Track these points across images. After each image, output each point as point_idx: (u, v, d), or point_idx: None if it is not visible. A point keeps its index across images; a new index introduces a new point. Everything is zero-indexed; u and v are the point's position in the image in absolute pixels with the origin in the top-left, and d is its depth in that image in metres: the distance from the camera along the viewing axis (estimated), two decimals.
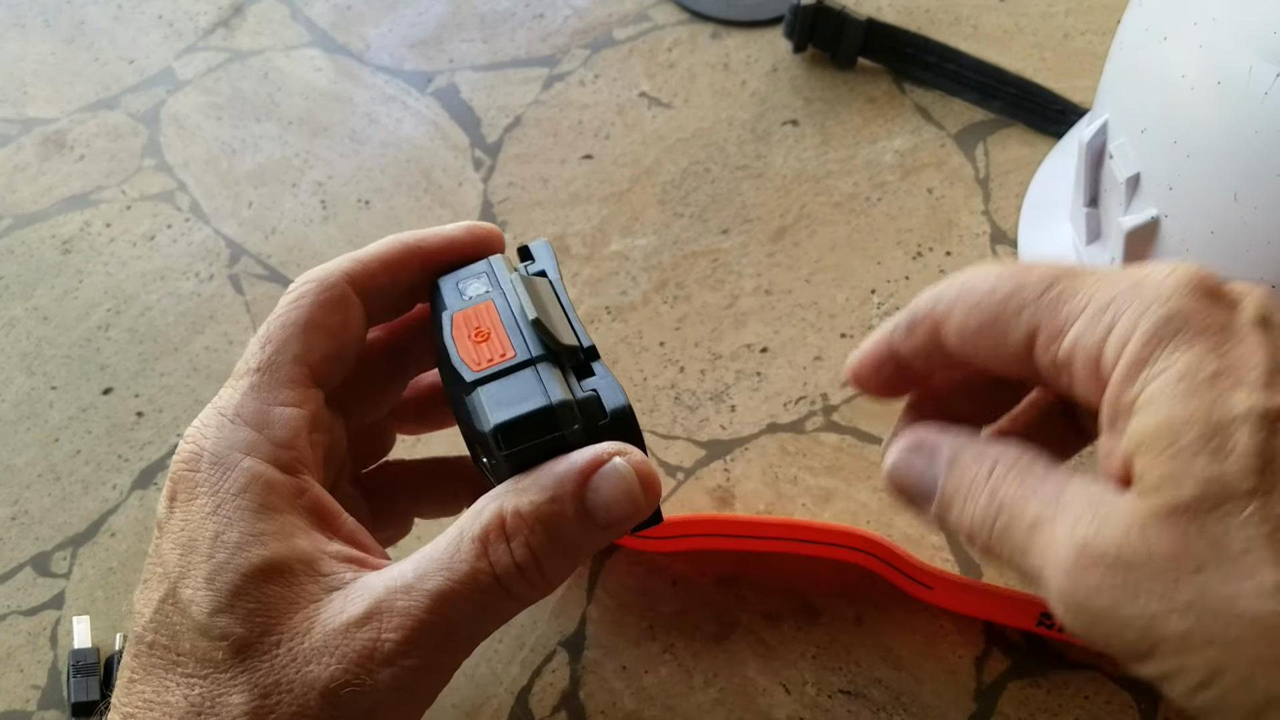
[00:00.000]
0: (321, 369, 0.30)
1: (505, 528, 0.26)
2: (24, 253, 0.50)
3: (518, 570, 0.26)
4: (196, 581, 0.26)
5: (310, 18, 0.59)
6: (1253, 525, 0.21)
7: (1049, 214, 0.48)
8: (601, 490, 0.26)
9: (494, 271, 0.31)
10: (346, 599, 0.26)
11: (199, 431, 0.28)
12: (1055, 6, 0.58)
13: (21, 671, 0.39)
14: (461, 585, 0.26)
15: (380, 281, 0.31)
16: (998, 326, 0.25)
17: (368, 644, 0.25)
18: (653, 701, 0.38)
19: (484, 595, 0.26)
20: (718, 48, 0.57)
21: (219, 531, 0.26)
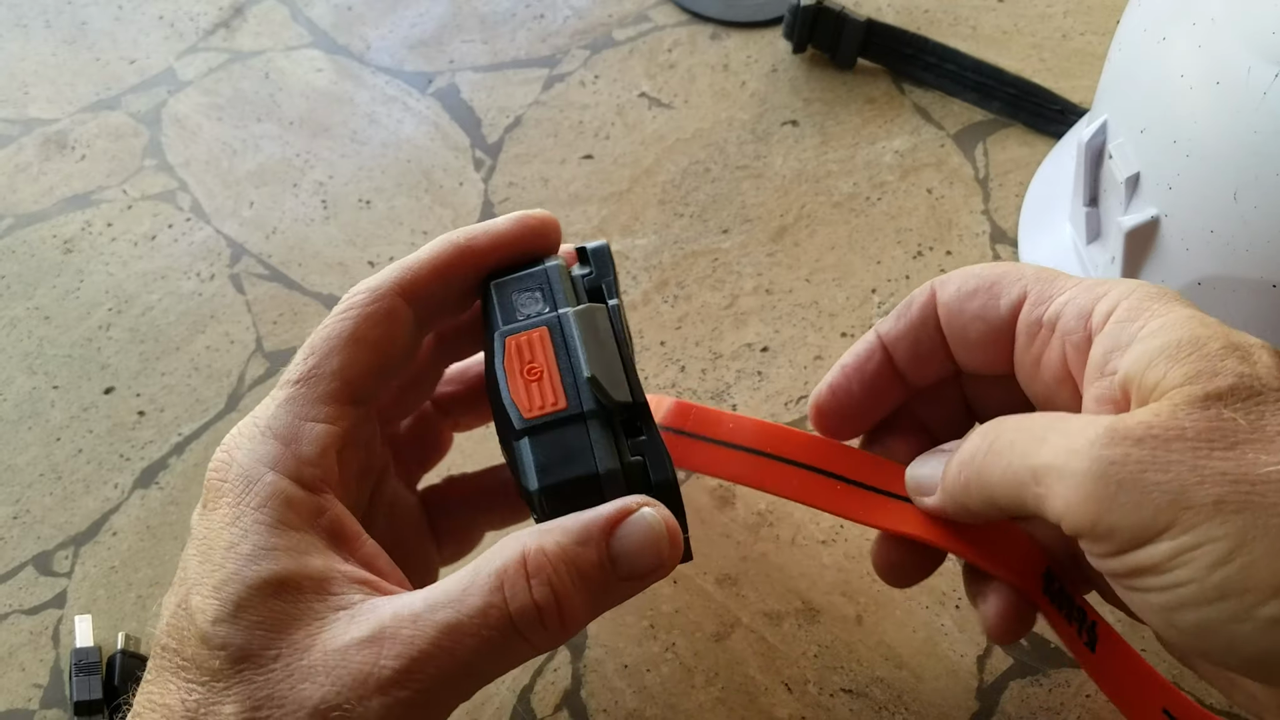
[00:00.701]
0: (362, 384, 0.29)
1: (527, 566, 0.25)
2: (25, 252, 0.51)
3: (536, 611, 0.25)
4: (205, 589, 0.26)
5: (311, 19, 0.59)
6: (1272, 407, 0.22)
7: (1049, 214, 0.48)
8: (627, 539, 0.26)
9: (551, 287, 0.30)
10: (351, 620, 0.25)
11: (233, 441, 0.28)
12: (1054, 7, 0.58)
13: (23, 670, 0.39)
14: (470, 620, 0.25)
15: (432, 288, 0.30)
16: (993, 289, 0.28)
17: (364, 668, 0.24)
18: (654, 700, 0.38)
19: (493, 633, 0.25)
20: (717, 48, 0.57)
21: (234, 542, 0.26)
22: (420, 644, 0.25)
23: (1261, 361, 0.23)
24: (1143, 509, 0.22)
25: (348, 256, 0.50)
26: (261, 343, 0.47)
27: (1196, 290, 0.39)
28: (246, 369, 0.47)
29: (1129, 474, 0.22)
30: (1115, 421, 0.22)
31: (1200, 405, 0.22)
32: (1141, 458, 0.22)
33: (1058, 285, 0.27)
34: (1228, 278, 0.38)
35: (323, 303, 0.48)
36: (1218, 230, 0.37)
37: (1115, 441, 0.22)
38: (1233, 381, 0.22)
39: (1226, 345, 0.23)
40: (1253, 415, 0.22)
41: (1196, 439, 0.22)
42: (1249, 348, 0.23)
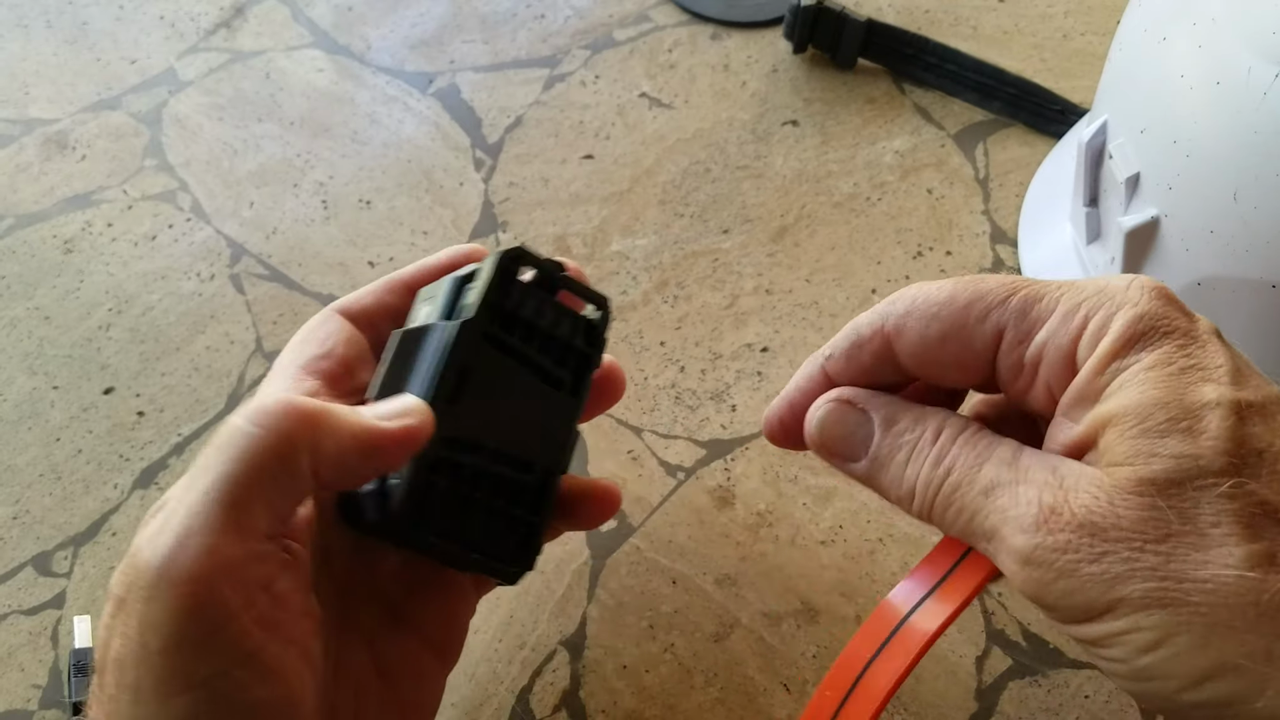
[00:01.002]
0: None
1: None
2: (26, 253, 0.51)
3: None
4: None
5: (312, 19, 0.59)
6: (1223, 501, 0.22)
7: (1049, 214, 0.48)
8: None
9: (440, 298, 0.31)
10: None
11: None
12: (1055, 7, 0.58)
13: (22, 671, 0.39)
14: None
15: (376, 323, 0.34)
16: (962, 333, 0.26)
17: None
18: (653, 701, 0.38)
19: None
20: (718, 48, 0.57)
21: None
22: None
23: (1208, 433, 0.22)
24: (1078, 595, 0.23)
25: (348, 257, 0.50)
26: (261, 343, 0.47)
27: (1196, 290, 0.39)
28: (246, 369, 0.47)
29: (1066, 562, 0.23)
30: (1057, 500, 0.23)
31: (1136, 492, 0.22)
32: (1079, 546, 0.23)
33: (1033, 316, 0.26)
34: (1228, 278, 0.38)
35: (323, 303, 0.48)
36: (1218, 230, 0.37)
37: (1056, 527, 0.23)
38: (1171, 465, 0.22)
39: (1176, 415, 0.23)
40: (1186, 503, 0.22)
41: (1130, 530, 0.22)
42: (1200, 413, 0.23)
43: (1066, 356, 0.25)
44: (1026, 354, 0.26)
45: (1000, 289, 0.26)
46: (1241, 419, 0.23)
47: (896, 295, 0.27)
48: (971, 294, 0.26)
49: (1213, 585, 0.22)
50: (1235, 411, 0.23)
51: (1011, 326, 0.26)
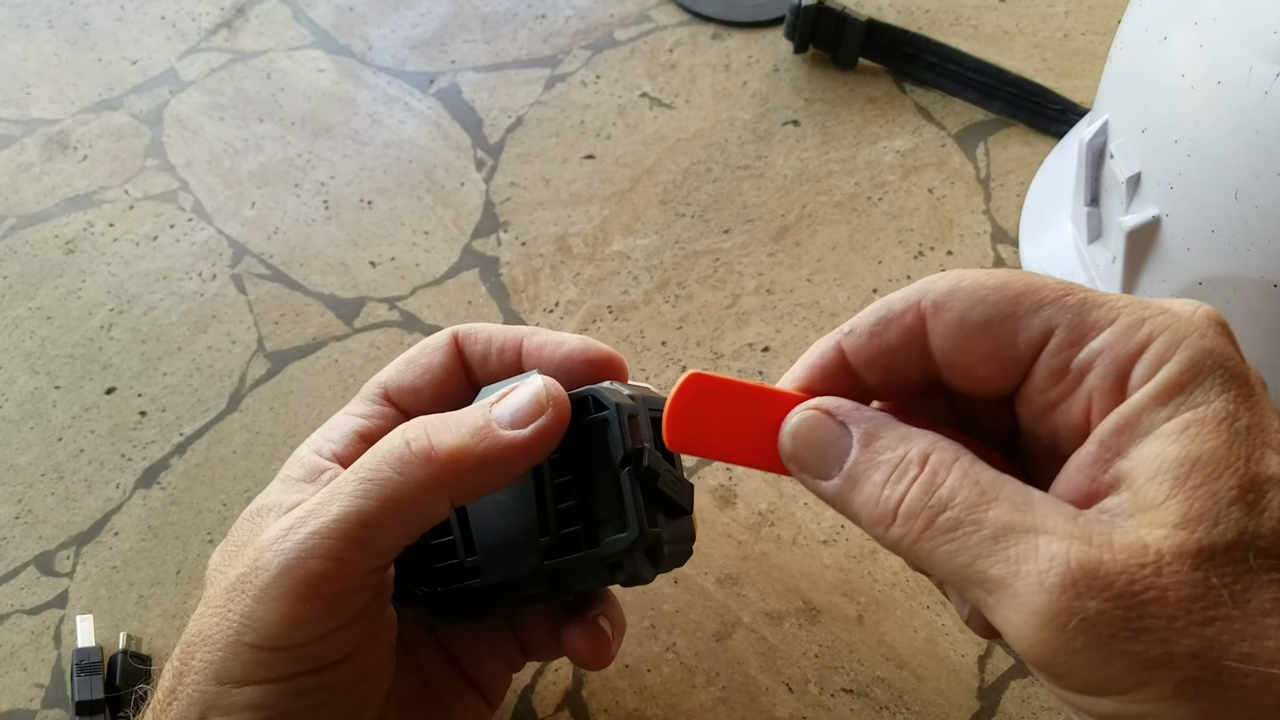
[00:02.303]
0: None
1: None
2: (27, 253, 0.51)
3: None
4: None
5: (313, 19, 0.59)
6: (1270, 593, 0.20)
7: (1050, 213, 0.48)
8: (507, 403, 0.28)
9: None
10: None
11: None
12: (1055, 7, 0.58)
13: (25, 670, 0.39)
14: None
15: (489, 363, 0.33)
16: (1007, 323, 0.23)
17: None
18: (655, 700, 0.38)
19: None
20: (719, 48, 0.57)
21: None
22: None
23: (1273, 510, 0.20)
24: (1100, 670, 0.20)
25: (349, 257, 0.50)
26: (263, 343, 0.47)
27: (1197, 290, 0.39)
28: (248, 369, 0.47)
29: (1096, 633, 0.20)
30: (1090, 560, 0.20)
31: (1190, 563, 0.20)
32: (1114, 618, 0.20)
33: (1091, 319, 0.23)
34: (1229, 278, 0.38)
35: (324, 303, 0.48)
36: (1219, 230, 0.37)
37: (1089, 591, 0.20)
38: (1231, 539, 0.20)
39: (1243, 483, 0.20)
40: (1240, 585, 0.20)
41: (1176, 605, 0.20)
42: (1265, 489, 0.20)
43: (1121, 372, 0.22)
44: (1075, 359, 0.23)
45: (1057, 285, 0.23)
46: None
47: (938, 275, 0.25)
48: (1026, 284, 0.23)
49: (1255, 682, 0.20)
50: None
51: (1065, 327, 0.23)
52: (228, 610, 0.26)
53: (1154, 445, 0.21)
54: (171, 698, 0.27)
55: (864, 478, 0.24)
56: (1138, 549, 0.20)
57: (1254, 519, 0.20)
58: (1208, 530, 0.20)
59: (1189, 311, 0.23)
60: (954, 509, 0.22)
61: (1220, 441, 0.21)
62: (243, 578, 0.26)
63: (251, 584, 0.26)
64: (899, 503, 0.23)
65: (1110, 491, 0.22)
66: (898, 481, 0.23)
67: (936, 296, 0.24)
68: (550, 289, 0.49)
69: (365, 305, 0.48)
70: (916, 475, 0.23)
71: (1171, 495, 0.21)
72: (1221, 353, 0.22)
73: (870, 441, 0.24)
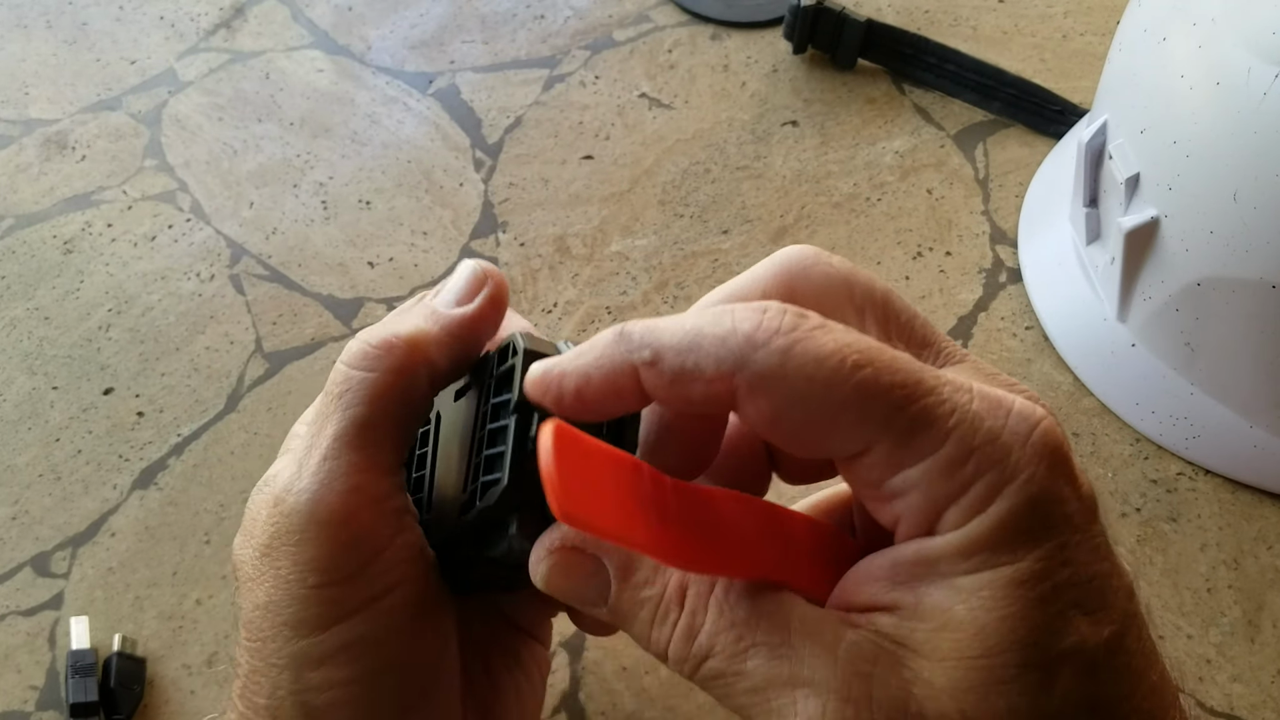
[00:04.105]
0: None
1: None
2: (25, 253, 0.51)
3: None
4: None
5: (311, 19, 0.59)
6: None
7: (1049, 214, 0.48)
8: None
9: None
10: None
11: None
12: (1054, 7, 0.58)
13: (19, 672, 0.39)
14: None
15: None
16: (825, 428, 0.20)
17: None
18: (653, 703, 0.38)
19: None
20: (718, 49, 0.57)
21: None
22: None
23: (1058, 691, 0.20)
24: None
25: (348, 257, 0.50)
26: (261, 343, 0.47)
27: (1196, 290, 0.39)
28: (246, 370, 0.46)
29: None
30: (846, 719, 0.20)
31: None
32: None
33: (915, 445, 0.20)
34: (1228, 278, 0.38)
35: (322, 303, 0.48)
36: (1218, 231, 0.37)
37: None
38: (994, 718, 0.20)
39: (1032, 661, 0.20)
40: None
41: None
42: (1055, 667, 0.20)
43: (932, 511, 0.20)
44: (889, 482, 0.21)
45: (895, 393, 0.20)
46: (1094, 674, 0.20)
47: (769, 336, 0.20)
48: (856, 387, 0.20)
49: None
50: (1090, 665, 0.20)
51: (885, 448, 0.20)
52: (277, 570, 0.26)
53: (946, 595, 0.20)
54: (256, 677, 0.26)
55: (630, 615, 0.23)
56: (898, 707, 0.20)
57: (1033, 699, 0.20)
58: (975, 704, 0.20)
59: (1023, 436, 0.20)
60: (715, 658, 0.21)
61: (1012, 611, 0.20)
62: (274, 535, 0.26)
63: (287, 534, 0.25)
64: (666, 646, 0.22)
65: (890, 610, 0.21)
66: (661, 624, 0.22)
67: (752, 377, 0.20)
68: (549, 289, 0.48)
69: (364, 306, 0.48)
70: (677, 618, 0.22)
71: (949, 658, 0.20)
72: (1047, 496, 0.20)
73: (627, 575, 0.23)
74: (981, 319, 0.47)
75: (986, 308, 0.47)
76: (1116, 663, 0.20)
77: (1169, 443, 0.43)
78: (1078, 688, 0.20)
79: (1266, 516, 0.41)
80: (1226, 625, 0.39)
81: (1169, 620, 0.39)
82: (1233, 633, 0.39)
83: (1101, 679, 0.20)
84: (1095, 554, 0.21)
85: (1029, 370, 0.45)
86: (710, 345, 0.20)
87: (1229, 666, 0.38)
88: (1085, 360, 0.45)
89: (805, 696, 0.20)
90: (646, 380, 0.21)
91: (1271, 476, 0.41)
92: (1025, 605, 0.20)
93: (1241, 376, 0.40)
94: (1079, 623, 0.20)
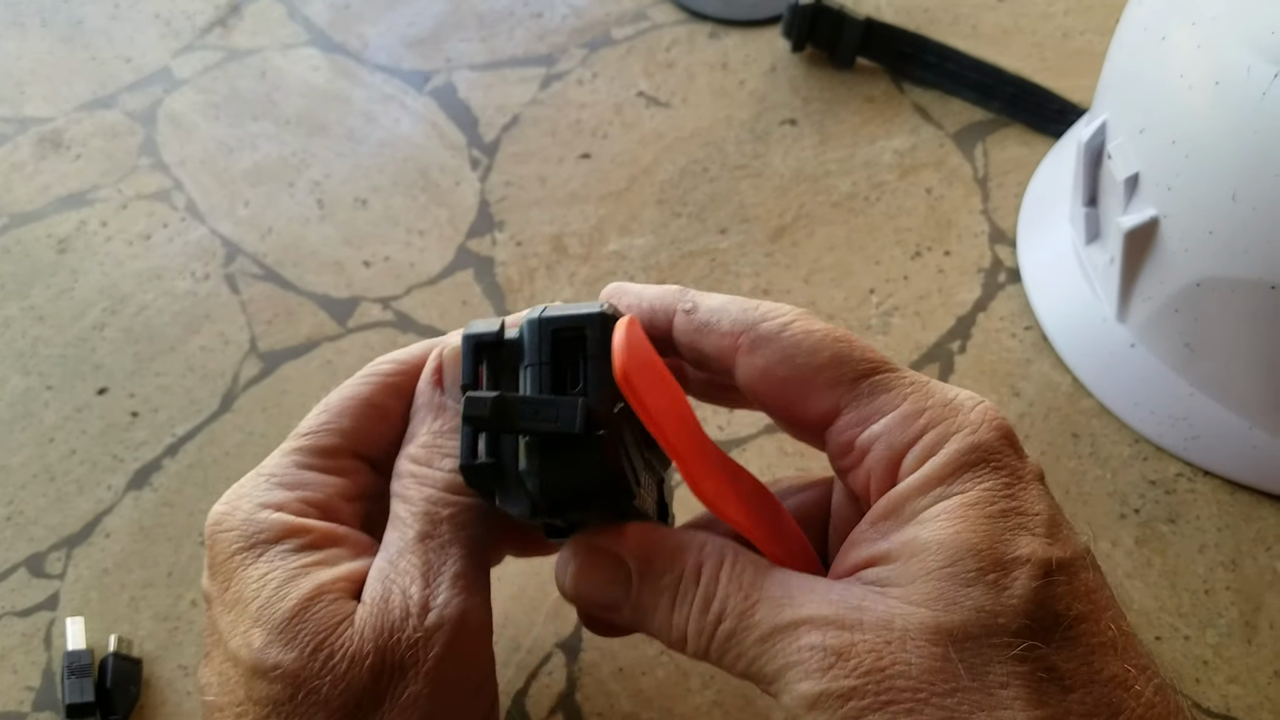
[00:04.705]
0: (368, 445, 0.29)
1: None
2: (20, 252, 0.50)
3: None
4: (245, 625, 0.26)
5: (308, 16, 0.59)
6: (1015, 663, 0.22)
7: (1048, 214, 0.48)
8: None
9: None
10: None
11: (236, 492, 0.28)
12: (1054, 6, 0.58)
13: (15, 673, 0.39)
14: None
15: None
16: (804, 388, 0.25)
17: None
18: (650, 704, 0.38)
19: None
20: (716, 47, 0.57)
21: (264, 574, 0.26)
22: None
23: (1013, 591, 0.22)
24: None
25: (344, 256, 0.50)
26: (256, 343, 0.47)
27: (1196, 291, 0.39)
28: (241, 369, 0.46)
29: (852, 706, 0.22)
30: (842, 643, 0.22)
31: (929, 639, 0.22)
32: (865, 692, 0.22)
33: (877, 404, 0.25)
34: (1227, 278, 0.38)
35: (318, 303, 0.48)
36: (1217, 231, 0.37)
37: (843, 673, 0.22)
38: (967, 617, 0.22)
39: (986, 565, 0.22)
40: (978, 659, 0.22)
41: (918, 680, 0.22)
42: (1010, 568, 0.22)
43: (894, 458, 0.24)
44: (858, 439, 0.25)
45: (863, 364, 0.25)
46: (1048, 579, 0.22)
47: (781, 311, 0.26)
48: (832, 356, 0.25)
49: None
50: (1044, 571, 0.23)
51: (852, 408, 0.25)
52: (417, 680, 0.26)
53: (911, 530, 0.23)
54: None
55: (651, 608, 0.25)
56: (884, 627, 0.23)
57: (994, 598, 0.22)
58: (945, 608, 0.22)
59: (969, 406, 0.25)
60: (729, 618, 0.24)
61: (966, 526, 0.23)
62: (411, 648, 0.26)
63: (435, 645, 0.26)
64: (685, 625, 0.25)
65: (872, 563, 0.24)
66: (681, 604, 0.25)
67: (756, 336, 0.25)
68: (546, 289, 0.48)
69: (359, 305, 0.48)
70: (694, 594, 0.25)
71: (919, 577, 0.23)
72: (989, 446, 0.24)
73: (647, 568, 0.25)
74: (980, 319, 0.47)
75: (985, 308, 0.47)
76: (1075, 585, 0.23)
77: (1168, 443, 0.43)
78: (1035, 589, 0.22)
79: (1265, 518, 0.41)
80: (1224, 626, 0.39)
81: (1166, 621, 0.39)
82: (1230, 634, 0.39)
83: (1059, 591, 0.23)
84: (1041, 500, 0.24)
85: (1028, 370, 0.45)
86: (734, 311, 0.26)
87: (1226, 668, 0.38)
88: (1084, 360, 0.45)
89: (807, 631, 0.23)
90: (678, 323, 0.26)
91: (1271, 478, 0.41)
92: (977, 520, 0.23)
93: (1241, 377, 0.40)
94: (1028, 539, 0.23)
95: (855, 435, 0.25)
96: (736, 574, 0.25)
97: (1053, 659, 0.22)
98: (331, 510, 0.28)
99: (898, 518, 0.24)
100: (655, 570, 0.25)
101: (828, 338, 0.25)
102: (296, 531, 0.27)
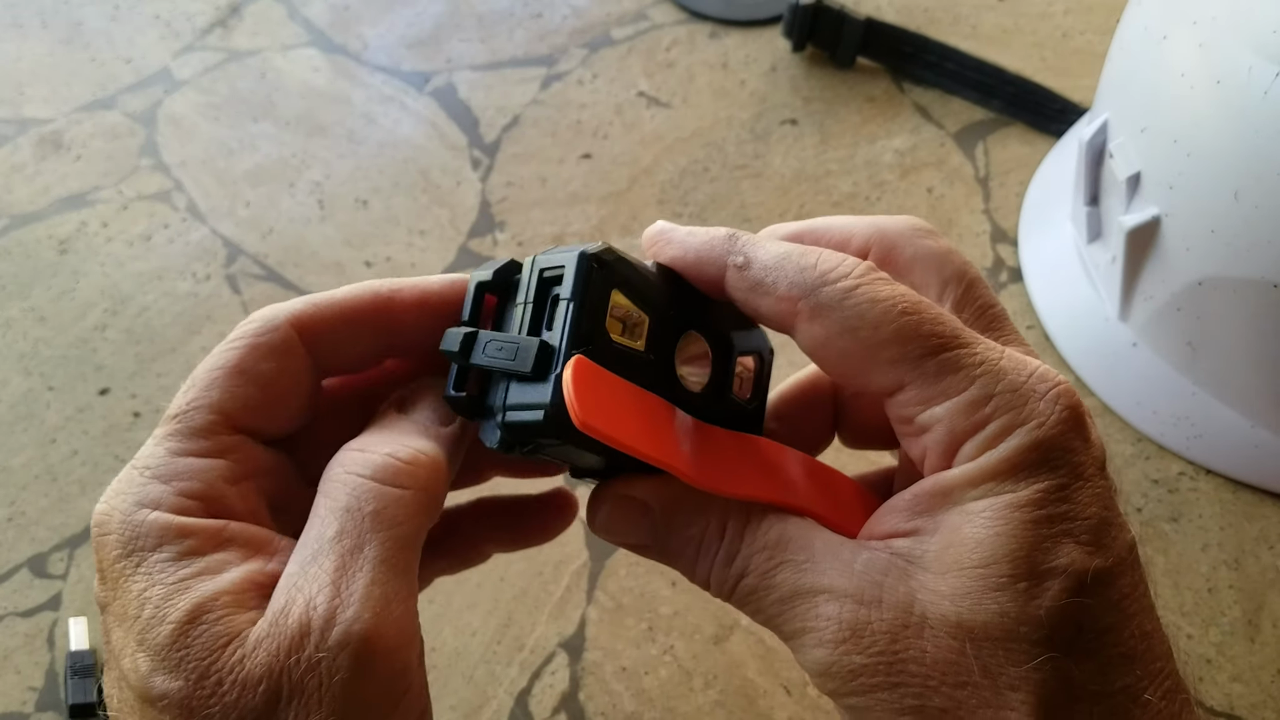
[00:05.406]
0: (247, 418, 0.26)
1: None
2: (21, 253, 0.50)
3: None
4: (131, 647, 0.24)
5: (308, 17, 0.59)
6: (1030, 671, 0.22)
7: (1049, 213, 0.48)
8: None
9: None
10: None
11: (113, 490, 0.26)
12: (1055, 6, 0.58)
13: (19, 673, 0.39)
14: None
15: (337, 333, 0.27)
16: (866, 363, 0.24)
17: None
18: (653, 704, 0.38)
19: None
20: (716, 47, 0.57)
21: (143, 589, 0.24)
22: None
23: (1041, 602, 0.22)
24: (869, 712, 0.23)
25: (344, 256, 0.50)
26: None
27: (1197, 290, 0.39)
28: None
29: (861, 682, 0.23)
30: (859, 619, 0.23)
31: (950, 632, 0.22)
32: (875, 670, 0.23)
33: (942, 385, 0.23)
34: (1228, 278, 0.38)
35: None
36: (1219, 230, 0.37)
37: (857, 648, 0.23)
38: (990, 621, 0.22)
39: (1020, 573, 0.22)
40: (994, 660, 0.22)
41: (931, 668, 0.22)
42: (1044, 579, 0.22)
43: (952, 445, 0.23)
44: (919, 416, 0.24)
45: (930, 340, 0.23)
46: (1081, 591, 0.22)
47: (840, 271, 0.24)
48: (897, 330, 0.23)
49: None
50: (1078, 584, 0.22)
51: (916, 385, 0.24)
52: (320, 698, 0.23)
53: (956, 518, 0.23)
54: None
55: (677, 553, 0.26)
56: (903, 609, 0.23)
57: (1022, 606, 0.22)
58: (970, 607, 0.22)
59: (1040, 391, 0.23)
60: (751, 575, 0.24)
61: (1008, 529, 0.22)
62: (327, 665, 0.23)
63: (342, 663, 0.23)
64: (707, 575, 0.25)
65: (907, 535, 0.24)
66: (704, 558, 0.25)
67: (816, 304, 0.24)
68: None
69: None
70: (717, 550, 0.25)
71: (951, 569, 0.23)
72: (1052, 444, 0.23)
73: (671, 519, 0.26)
74: None
75: None
76: (1108, 595, 0.23)
77: (1170, 442, 0.43)
78: (1063, 604, 0.22)
79: (1267, 516, 0.41)
80: (1227, 625, 0.39)
81: (1169, 620, 0.39)
82: (1233, 632, 0.39)
83: (1088, 604, 0.22)
84: (1096, 500, 0.23)
85: None
86: (791, 270, 0.24)
87: (1229, 666, 0.38)
88: (1086, 360, 0.45)
89: (825, 601, 0.23)
90: (730, 279, 0.25)
91: (1273, 476, 0.41)
92: (1020, 525, 0.22)
93: (1243, 376, 0.40)
94: (1070, 548, 0.22)
95: (916, 413, 0.24)
96: (761, 532, 0.25)
97: (1069, 670, 0.22)
98: (215, 499, 0.25)
99: (945, 500, 0.23)
100: (678, 523, 0.25)
101: (894, 309, 0.23)
102: (177, 534, 0.24)
